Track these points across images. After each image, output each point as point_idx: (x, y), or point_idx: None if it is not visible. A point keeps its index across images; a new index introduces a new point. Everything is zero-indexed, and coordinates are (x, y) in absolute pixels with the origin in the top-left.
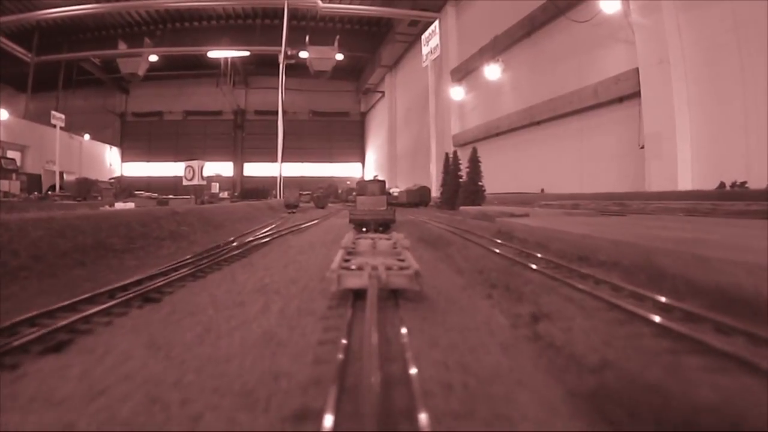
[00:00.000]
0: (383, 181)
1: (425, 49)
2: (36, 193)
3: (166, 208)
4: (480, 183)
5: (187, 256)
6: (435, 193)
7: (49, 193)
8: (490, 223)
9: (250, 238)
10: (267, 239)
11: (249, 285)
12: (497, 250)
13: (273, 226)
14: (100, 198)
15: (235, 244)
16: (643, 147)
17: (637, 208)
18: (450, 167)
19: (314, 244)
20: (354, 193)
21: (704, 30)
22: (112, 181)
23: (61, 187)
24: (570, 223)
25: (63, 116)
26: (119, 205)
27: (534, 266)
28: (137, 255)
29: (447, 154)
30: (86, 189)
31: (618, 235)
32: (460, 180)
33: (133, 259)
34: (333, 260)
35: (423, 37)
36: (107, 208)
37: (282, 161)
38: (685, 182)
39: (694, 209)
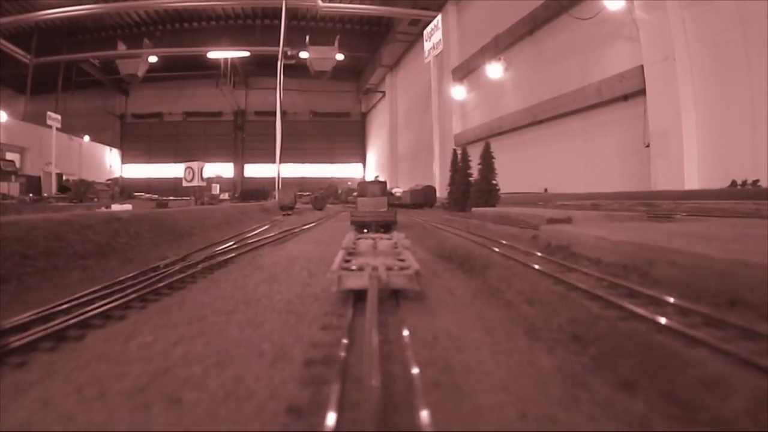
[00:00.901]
0: (384, 182)
1: (427, 45)
2: (31, 195)
3: (103, 212)
4: (494, 182)
5: (90, 289)
6: (440, 193)
7: (45, 194)
8: (520, 230)
9: (212, 253)
10: (233, 255)
11: (134, 370)
12: (568, 279)
13: (254, 233)
14: (96, 200)
15: (184, 263)
16: (648, 145)
17: (668, 208)
18: (458, 165)
19: (294, 263)
20: (354, 194)
21: (710, 26)
22: (109, 182)
23: (66, 189)
24: (645, 232)
25: (59, 117)
26: (116, 207)
27: (666, 322)
28: (25, 285)
29: (455, 151)
30: (82, 191)
31: None
32: (470, 179)
33: (18, 291)
34: (315, 296)
35: (425, 32)
36: (103, 209)
37: (282, 162)
38: (692, 181)
39: (734, 209)
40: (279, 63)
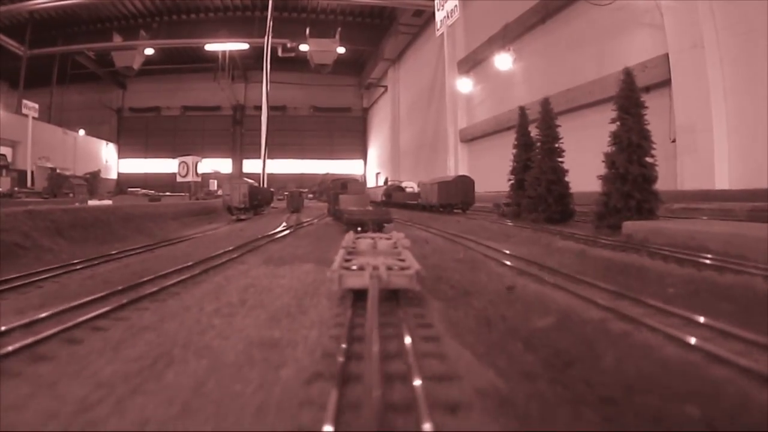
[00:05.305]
0: (357, 179)
1: (439, 15)
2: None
3: None
4: (650, 159)
5: None
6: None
7: (16, 189)
8: None
9: None
10: None
11: None
12: None
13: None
14: (72, 195)
15: None
16: (674, 141)
17: None
18: (536, 137)
19: None
20: (323, 196)
21: (741, 12)
22: (87, 176)
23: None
24: None
25: (36, 105)
26: (94, 203)
27: None
28: None
29: (522, 109)
30: (58, 185)
31: None
32: (560, 161)
33: None
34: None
35: (436, 0)
36: (77, 206)
37: (281, 158)
38: (722, 179)
39: None
40: (266, 53)
